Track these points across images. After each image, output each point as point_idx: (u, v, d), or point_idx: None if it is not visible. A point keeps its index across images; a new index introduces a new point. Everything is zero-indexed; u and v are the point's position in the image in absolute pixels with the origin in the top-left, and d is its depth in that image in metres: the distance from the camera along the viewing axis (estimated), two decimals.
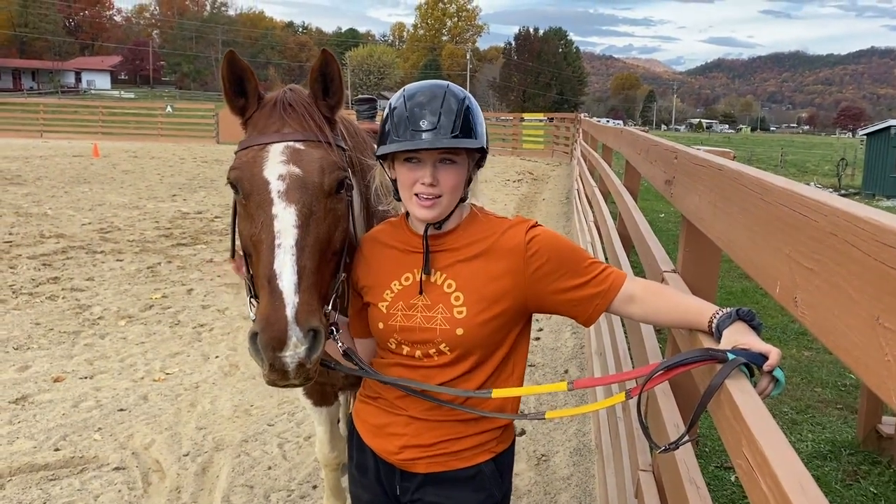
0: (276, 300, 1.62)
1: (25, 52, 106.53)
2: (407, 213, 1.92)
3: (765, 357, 1.44)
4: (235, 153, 1.86)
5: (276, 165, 1.77)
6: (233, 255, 1.93)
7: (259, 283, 1.70)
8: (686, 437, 1.54)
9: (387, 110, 1.82)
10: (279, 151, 1.79)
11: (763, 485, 1.08)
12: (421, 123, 1.71)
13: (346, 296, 2.01)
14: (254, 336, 1.63)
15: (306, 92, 1.92)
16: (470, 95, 1.84)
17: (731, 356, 1.44)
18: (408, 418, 1.88)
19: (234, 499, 3.79)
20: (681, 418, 2.03)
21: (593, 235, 7.31)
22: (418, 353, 1.84)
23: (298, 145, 1.81)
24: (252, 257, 1.78)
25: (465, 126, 1.74)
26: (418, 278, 1.84)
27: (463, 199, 1.84)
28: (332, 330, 1.83)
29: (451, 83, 1.84)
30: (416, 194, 1.75)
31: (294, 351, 1.59)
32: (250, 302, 1.82)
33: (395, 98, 1.82)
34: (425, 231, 1.83)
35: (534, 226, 1.85)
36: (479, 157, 1.86)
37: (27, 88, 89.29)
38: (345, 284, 1.91)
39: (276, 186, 1.74)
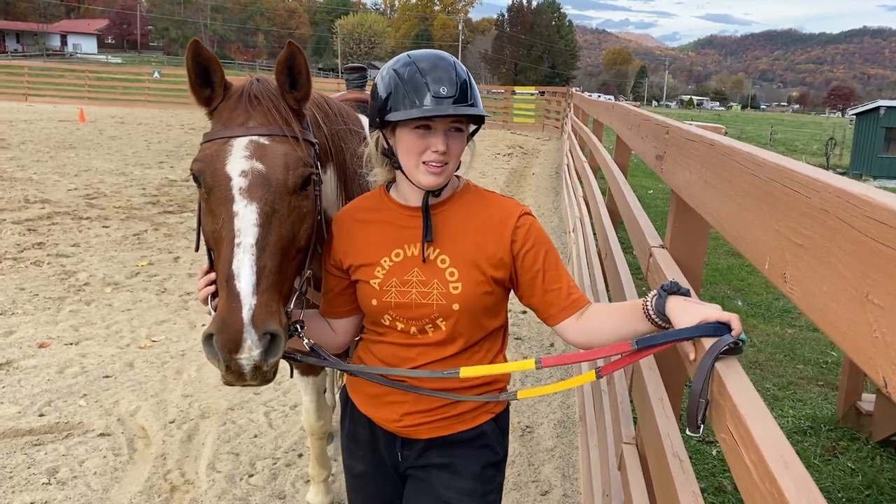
0: (233, 301, 1.60)
1: (9, 14, 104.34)
2: (387, 186, 1.90)
3: (729, 327, 1.43)
4: (200, 144, 1.82)
5: (238, 161, 1.72)
6: (197, 248, 1.88)
7: (219, 281, 1.67)
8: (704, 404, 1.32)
9: (389, 77, 1.75)
10: (243, 146, 1.74)
11: (746, 459, 1.08)
12: (441, 90, 1.69)
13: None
14: (209, 337, 1.61)
15: (274, 83, 1.85)
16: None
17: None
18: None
19: (220, 466, 3.81)
20: (665, 393, 2.04)
21: (582, 210, 7.30)
22: (413, 329, 1.83)
23: (263, 140, 1.76)
24: (214, 253, 1.75)
25: (474, 95, 1.75)
26: (409, 254, 1.82)
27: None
28: (297, 327, 1.80)
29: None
30: (424, 161, 1.73)
31: (250, 354, 1.57)
32: (211, 296, 1.76)
33: (398, 65, 1.76)
34: (425, 198, 1.81)
35: (528, 213, 1.86)
36: (475, 128, 1.85)
37: (11, 51, 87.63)
38: (310, 281, 1.87)
39: (237, 183, 1.70)
